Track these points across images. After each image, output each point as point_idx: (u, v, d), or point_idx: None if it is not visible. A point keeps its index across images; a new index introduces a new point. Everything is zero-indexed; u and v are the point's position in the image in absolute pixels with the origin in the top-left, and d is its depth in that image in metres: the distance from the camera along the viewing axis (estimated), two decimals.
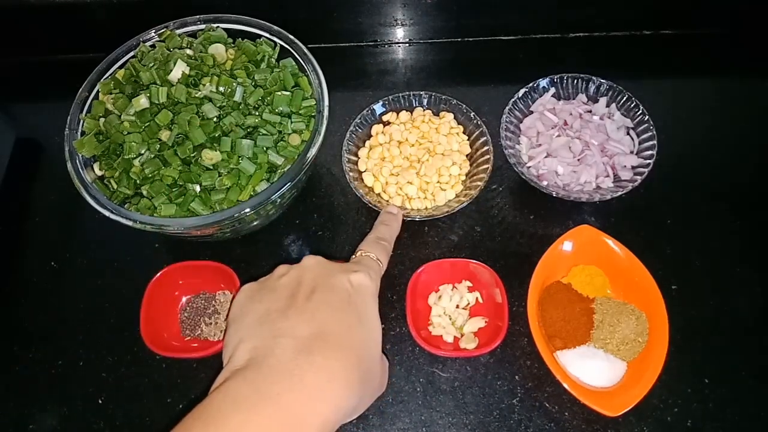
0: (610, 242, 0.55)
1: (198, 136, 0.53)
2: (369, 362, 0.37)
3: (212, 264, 0.56)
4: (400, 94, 0.65)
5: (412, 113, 0.65)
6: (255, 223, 0.58)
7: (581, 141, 0.61)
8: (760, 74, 0.74)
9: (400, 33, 0.77)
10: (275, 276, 0.41)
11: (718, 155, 0.66)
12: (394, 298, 0.57)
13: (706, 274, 0.58)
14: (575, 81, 0.65)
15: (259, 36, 0.61)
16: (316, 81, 0.57)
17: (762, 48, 0.75)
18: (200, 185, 0.53)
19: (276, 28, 0.60)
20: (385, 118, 0.65)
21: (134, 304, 0.53)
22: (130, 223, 0.50)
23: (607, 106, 0.64)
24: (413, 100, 0.65)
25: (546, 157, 0.61)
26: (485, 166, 0.59)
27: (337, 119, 0.67)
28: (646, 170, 0.58)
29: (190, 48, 0.59)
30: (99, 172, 0.55)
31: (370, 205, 0.58)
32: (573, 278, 0.56)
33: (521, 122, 0.64)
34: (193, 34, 0.62)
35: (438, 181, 0.61)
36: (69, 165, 0.53)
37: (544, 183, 0.60)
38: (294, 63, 0.59)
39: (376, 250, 0.46)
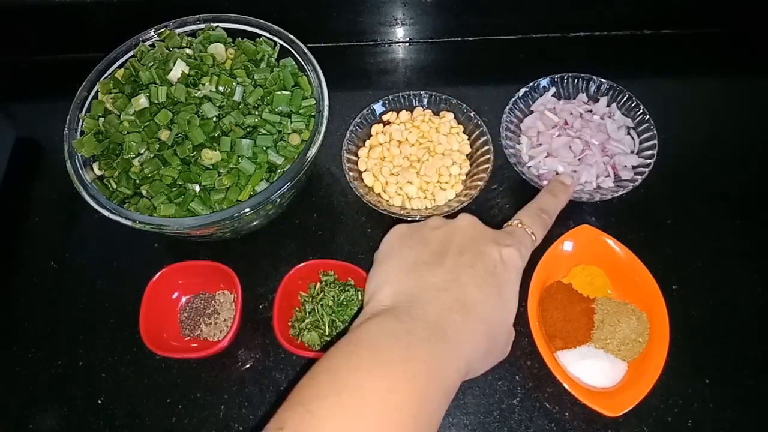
0: (611, 242, 0.55)
1: (197, 135, 0.53)
2: (498, 336, 0.38)
3: (212, 264, 0.56)
4: (400, 94, 0.65)
5: (412, 113, 0.65)
6: (255, 223, 0.58)
7: (582, 141, 0.61)
8: (760, 74, 0.74)
9: (400, 32, 0.77)
10: (429, 226, 0.41)
11: (718, 155, 0.66)
12: None
13: (706, 274, 0.58)
14: (575, 80, 0.65)
15: (259, 35, 0.61)
16: (315, 80, 0.57)
17: (763, 47, 0.75)
18: (200, 185, 0.53)
19: (276, 27, 0.60)
20: (385, 117, 0.65)
21: (134, 304, 0.53)
22: (129, 223, 0.50)
23: (608, 105, 0.63)
24: (413, 100, 0.65)
25: (546, 156, 0.61)
26: (485, 166, 0.59)
27: (337, 119, 0.67)
28: (646, 170, 0.58)
29: (189, 47, 0.59)
30: (98, 172, 0.56)
31: (370, 205, 0.58)
32: (573, 278, 0.56)
33: (521, 122, 0.64)
34: (193, 34, 0.62)
35: (438, 181, 0.60)
36: (68, 165, 0.53)
37: (545, 183, 0.59)
38: (294, 62, 0.59)
39: (534, 224, 0.44)
